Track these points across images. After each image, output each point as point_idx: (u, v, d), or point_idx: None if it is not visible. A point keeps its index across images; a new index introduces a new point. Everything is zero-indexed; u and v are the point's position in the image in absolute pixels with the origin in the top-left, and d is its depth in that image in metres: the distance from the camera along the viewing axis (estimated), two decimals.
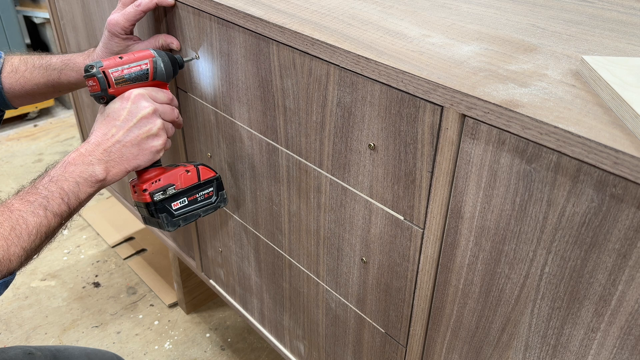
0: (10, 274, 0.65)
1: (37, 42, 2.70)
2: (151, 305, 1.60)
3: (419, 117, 0.55)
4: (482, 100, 0.49)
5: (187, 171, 0.82)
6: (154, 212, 0.80)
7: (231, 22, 0.74)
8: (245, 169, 0.88)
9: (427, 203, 0.59)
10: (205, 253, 1.16)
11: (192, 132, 0.99)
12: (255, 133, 0.81)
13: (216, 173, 0.85)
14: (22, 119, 2.51)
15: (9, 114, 1.56)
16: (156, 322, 1.54)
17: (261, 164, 0.84)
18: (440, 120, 0.53)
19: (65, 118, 2.55)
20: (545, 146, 0.46)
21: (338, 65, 0.61)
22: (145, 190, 0.79)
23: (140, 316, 1.56)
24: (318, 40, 0.62)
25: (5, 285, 0.64)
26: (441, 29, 0.65)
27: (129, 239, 1.82)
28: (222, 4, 0.74)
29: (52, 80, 0.90)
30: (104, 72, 0.74)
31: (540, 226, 0.49)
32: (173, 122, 0.80)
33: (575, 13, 0.71)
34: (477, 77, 0.53)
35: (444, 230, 0.59)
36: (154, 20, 0.93)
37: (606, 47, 0.60)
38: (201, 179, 0.83)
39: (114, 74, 0.75)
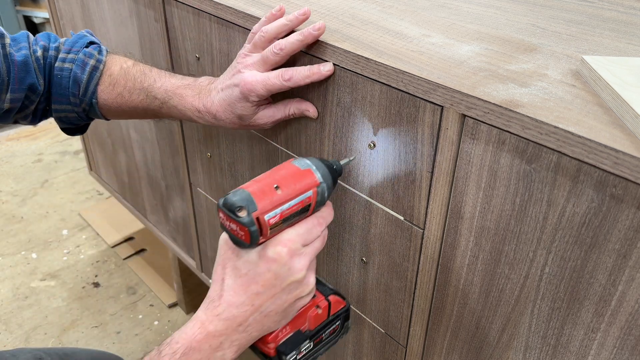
0: None
1: None
2: (151, 305, 1.59)
3: (419, 117, 0.55)
4: (482, 100, 0.48)
5: (318, 307, 0.61)
6: None
7: (231, 22, 0.74)
8: (245, 169, 0.88)
9: (427, 203, 0.59)
10: (205, 253, 1.15)
11: (191, 132, 0.99)
12: (255, 133, 0.81)
13: (347, 302, 0.64)
14: None
15: None
16: (156, 322, 1.54)
17: (261, 164, 0.83)
18: (440, 120, 0.53)
19: None
20: (545, 146, 0.46)
21: (338, 65, 0.61)
22: (270, 343, 0.58)
23: (140, 316, 1.56)
24: (318, 40, 0.62)
25: None
26: (441, 29, 0.65)
27: (129, 239, 1.82)
28: (222, 4, 0.74)
29: (152, 109, 0.76)
30: (257, 219, 0.52)
31: (540, 226, 0.49)
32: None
33: (576, 13, 0.71)
34: (477, 77, 0.53)
35: (444, 230, 0.59)
36: (154, 20, 0.93)
37: (606, 47, 0.60)
38: (331, 313, 0.63)
39: (270, 220, 0.52)
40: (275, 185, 0.53)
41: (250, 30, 0.71)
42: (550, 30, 0.65)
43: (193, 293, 1.54)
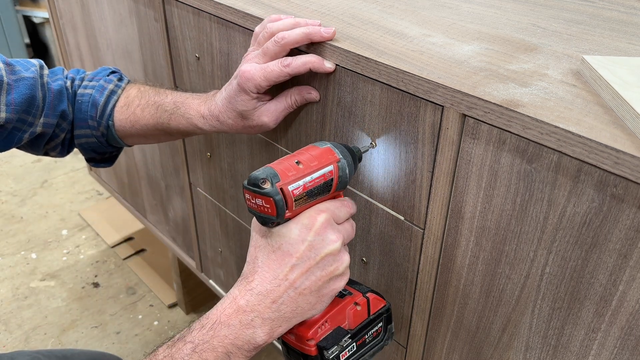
0: None
1: (37, 42, 2.70)
2: (151, 305, 1.59)
3: (420, 116, 0.55)
4: (483, 100, 0.48)
5: (357, 304, 0.59)
6: None
7: (231, 22, 0.74)
8: (245, 169, 0.88)
9: (428, 203, 0.59)
10: (205, 253, 1.15)
11: None
12: None
13: (387, 302, 0.62)
14: None
15: None
16: (156, 323, 1.54)
17: (261, 164, 0.83)
18: (441, 120, 0.53)
19: None
20: (545, 146, 0.46)
21: (338, 65, 0.61)
22: (310, 340, 0.56)
23: (140, 316, 1.56)
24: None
25: None
26: (441, 29, 0.65)
27: (129, 239, 1.82)
28: (222, 4, 0.74)
29: (162, 123, 0.76)
30: (281, 190, 0.51)
31: (541, 226, 0.49)
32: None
33: (576, 12, 0.71)
34: (478, 76, 0.53)
35: (444, 230, 0.59)
36: (153, 19, 0.93)
37: (607, 47, 0.60)
38: (371, 313, 0.61)
39: (294, 191, 0.52)
40: (296, 161, 0.54)
41: (250, 29, 0.71)
42: (550, 30, 0.65)
43: (193, 293, 1.53)
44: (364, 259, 0.72)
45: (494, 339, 0.59)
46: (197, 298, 1.55)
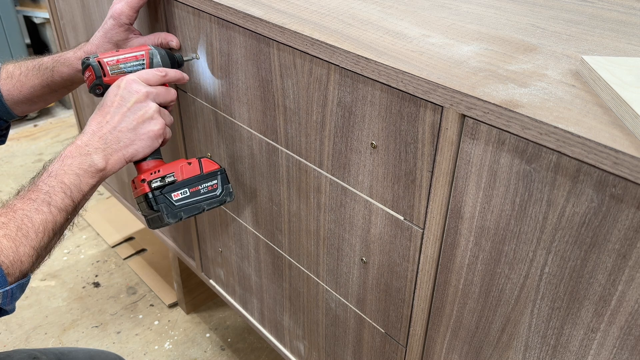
0: (24, 276, 0.63)
1: (37, 42, 2.70)
2: (151, 305, 1.60)
3: (420, 116, 0.55)
4: (482, 100, 0.49)
5: (189, 163, 0.80)
6: (153, 202, 0.77)
7: (231, 22, 0.74)
8: (245, 169, 0.88)
9: (427, 203, 0.59)
10: (205, 253, 1.16)
11: (192, 132, 0.99)
12: (255, 133, 0.81)
13: (220, 166, 0.82)
14: (22, 119, 2.51)
15: None
16: (156, 322, 1.54)
17: (261, 164, 0.83)
18: (440, 120, 0.53)
19: (65, 118, 2.55)
20: (545, 146, 0.46)
21: (338, 65, 0.61)
22: (143, 180, 0.77)
23: (140, 316, 1.56)
24: (318, 40, 0.62)
25: (21, 288, 0.62)
26: (441, 29, 0.65)
27: (129, 239, 1.82)
28: (222, 4, 0.74)
29: (46, 79, 0.89)
30: (99, 61, 0.76)
31: (540, 226, 0.49)
32: (172, 101, 0.79)
33: (575, 13, 0.71)
34: (477, 77, 0.53)
35: (443, 230, 0.59)
36: (154, 20, 0.93)
37: (606, 47, 0.60)
38: (204, 171, 0.80)
39: (109, 62, 0.77)
40: (116, 50, 0.81)
41: (250, 30, 0.72)
42: (550, 30, 0.65)
43: (193, 293, 1.54)
44: (363, 258, 0.72)
45: (493, 338, 0.59)
46: (198, 298, 1.55)
